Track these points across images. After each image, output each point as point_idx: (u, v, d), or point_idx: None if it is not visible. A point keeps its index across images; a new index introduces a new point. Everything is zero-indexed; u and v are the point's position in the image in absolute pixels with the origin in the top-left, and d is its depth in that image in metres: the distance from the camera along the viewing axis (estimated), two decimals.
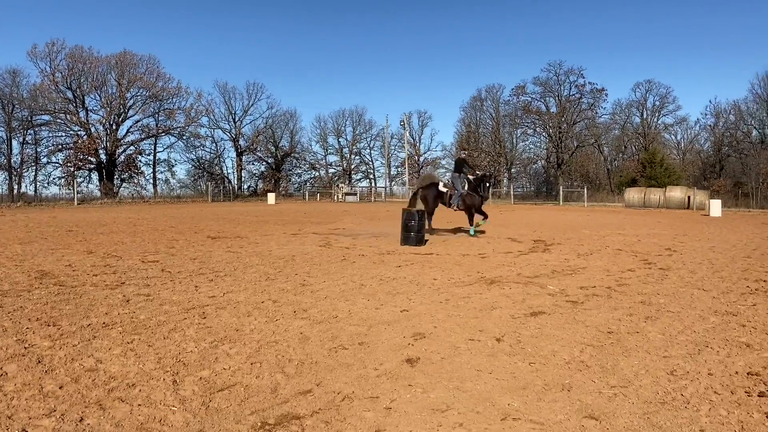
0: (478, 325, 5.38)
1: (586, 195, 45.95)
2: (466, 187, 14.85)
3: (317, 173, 69.38)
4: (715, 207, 28.48)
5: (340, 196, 53.17)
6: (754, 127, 55.84)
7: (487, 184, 14.80)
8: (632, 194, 41.01)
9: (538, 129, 64.04)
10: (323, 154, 69.97)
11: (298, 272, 8.44)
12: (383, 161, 68.97)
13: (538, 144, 65.43)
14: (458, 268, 9.08)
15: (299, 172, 68.43)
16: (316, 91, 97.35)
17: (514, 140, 65.62)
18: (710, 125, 59.76)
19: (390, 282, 7.69)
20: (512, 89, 64.24)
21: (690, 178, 54.97)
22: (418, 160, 71.43)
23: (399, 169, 70.61)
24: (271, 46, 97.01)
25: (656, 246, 12.67)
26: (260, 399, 3.50)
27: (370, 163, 71.78)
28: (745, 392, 3.67)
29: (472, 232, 14.77)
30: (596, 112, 61.65)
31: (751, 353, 4.51)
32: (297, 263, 9.38)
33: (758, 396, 3.60)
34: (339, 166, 70.54)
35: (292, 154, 65.52)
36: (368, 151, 71.56)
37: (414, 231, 12.25)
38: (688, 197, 37.85)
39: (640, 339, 4.92)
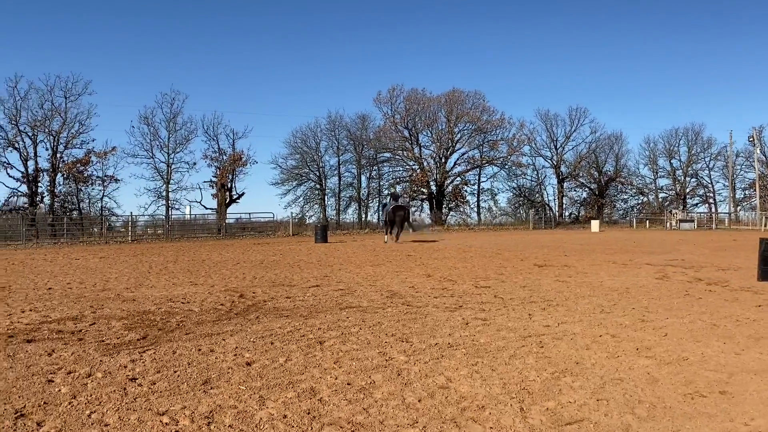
0: None
1: None
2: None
3: (645, 198, 64.38)
4: None
5: (673, 224, 48.40)
6: None
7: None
8: None
9: None
10: (652, 177, 64.61)
11: (634, 306, 7.85)
12: (726, 183, 60.56)
13: None
14: None
15: (625, 197, 64.60)
16: (644, 110, 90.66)
17: None
18: None
19: (749, 324, 6.60)
20: None
21: None
22: None
23: (746, 192, 61.14)
24: (595, 69, 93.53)
25: None
26: None
27: (709, 185, 63.67)
28: None
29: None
30: None
31: None
32: (632, 296, 8.75)
33: None
34: (671, 190, 64.20)
35: (617, 179, 62.16)
36: (707, 172, 63.58)
37: None
38: None
39: None
